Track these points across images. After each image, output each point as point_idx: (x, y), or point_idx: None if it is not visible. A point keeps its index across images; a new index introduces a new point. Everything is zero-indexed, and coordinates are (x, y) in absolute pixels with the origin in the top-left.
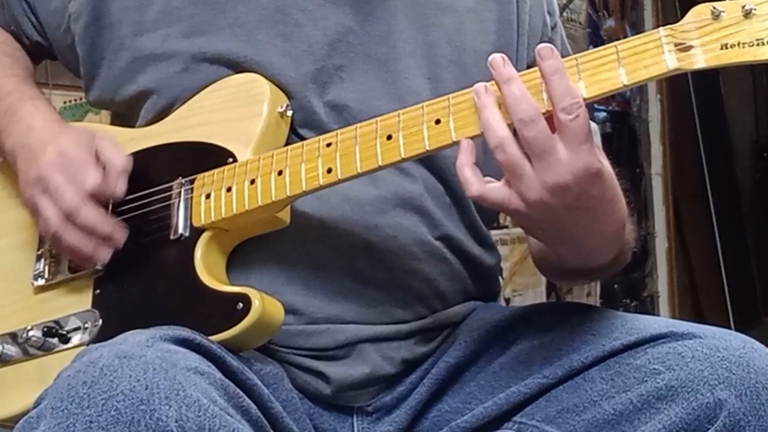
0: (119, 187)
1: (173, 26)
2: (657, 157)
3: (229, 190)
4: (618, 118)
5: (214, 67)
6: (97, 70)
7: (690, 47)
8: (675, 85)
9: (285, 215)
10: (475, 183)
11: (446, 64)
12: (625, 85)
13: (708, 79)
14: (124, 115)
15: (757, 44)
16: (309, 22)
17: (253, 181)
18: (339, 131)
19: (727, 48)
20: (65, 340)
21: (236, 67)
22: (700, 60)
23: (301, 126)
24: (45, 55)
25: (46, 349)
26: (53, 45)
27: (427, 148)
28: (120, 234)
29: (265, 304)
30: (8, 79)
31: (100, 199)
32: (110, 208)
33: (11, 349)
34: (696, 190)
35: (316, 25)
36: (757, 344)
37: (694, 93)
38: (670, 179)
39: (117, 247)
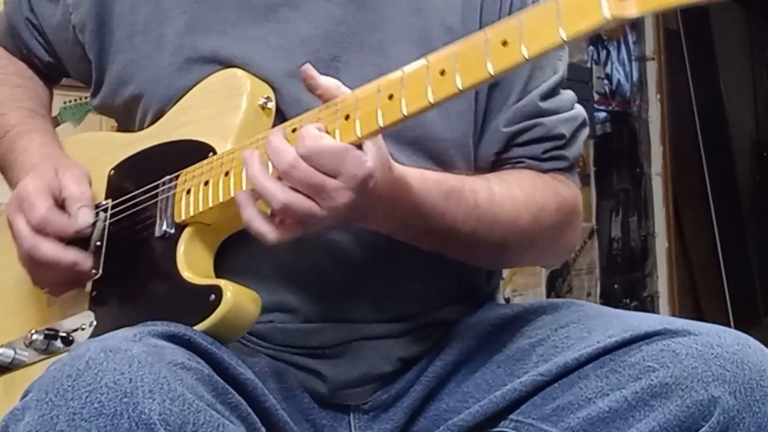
0: (81, 217)
1: (165, 27)
2: (657, 157)
3: (206, 183)
4: (618, 118)
5: (207, 66)
6: (102, 75)
7: None
8: (675, 85)
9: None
10: (270, 232)
11: (440, 47)
12: (564, 41)
13: (708, 79)
14: (125, 121)
15: None
16: (300, 17)
17: (227, 173)
18: (303, 116)
19: None
20: (68, 342)
21: (229, 65)
22: (632, 6)
23: None
24: (61, 74)
25: (50, 352)
26: (64, 60)
27: (381, 125)
28: (83, 262)
29: (237, 295)
30: (15, 111)
31: (52, 229)
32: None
33: (23, 354)
34: (696, 190)
35: (307, 18)
36: (752, 341)
37: (694, 93)
38: (670, 179)
39: (87, 272)
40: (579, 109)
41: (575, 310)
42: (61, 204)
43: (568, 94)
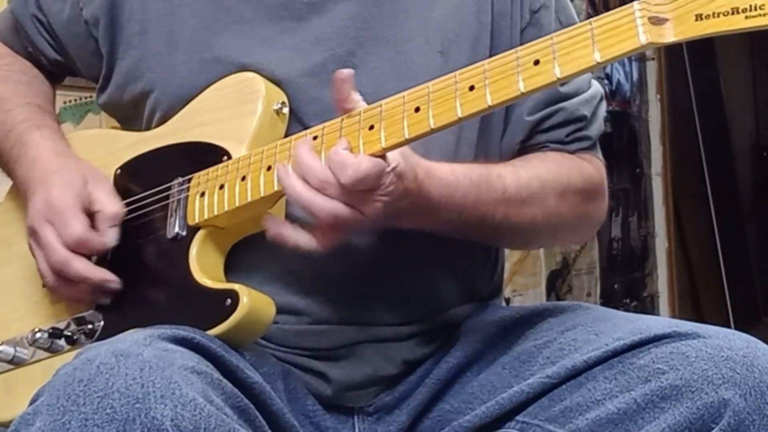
0: (110, 237)
1: (177, 24)
2: (657, 157)
3: (221, 187)
4: (618, 118)
5: (221, 65)
6: (112, 70)
7: (664, 20)
8: (675, 85)
9: (279, 212)
10: (314, 242)
11: (454, 38)
12: (598, 63)
13: (708, 79)
14: (130, 119)
15: (732, 13)
16: (314, 14)
17: (244, 178)
18: (325, 124)
19: (701, 19)
20: (72, 341)
21: (241, 64)
22: (669, 33)
23: (312, 119)
24: (66, 72)
25: (53, 351)
26: (73, 56)
27: (407, 137)
28: (112, 280)
29: (253, 300)
30: (22, 108)
31: (87, 249)
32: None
33: (23, 352)
34: (696, 190)
35: (322, 16)
36: (761, 344)
37: (694, 93)
38: (670, 179)
39: (112, 290)
40: (596, 87)
41: (582, 312)
42: (90, 216)
43: (584, 74)
